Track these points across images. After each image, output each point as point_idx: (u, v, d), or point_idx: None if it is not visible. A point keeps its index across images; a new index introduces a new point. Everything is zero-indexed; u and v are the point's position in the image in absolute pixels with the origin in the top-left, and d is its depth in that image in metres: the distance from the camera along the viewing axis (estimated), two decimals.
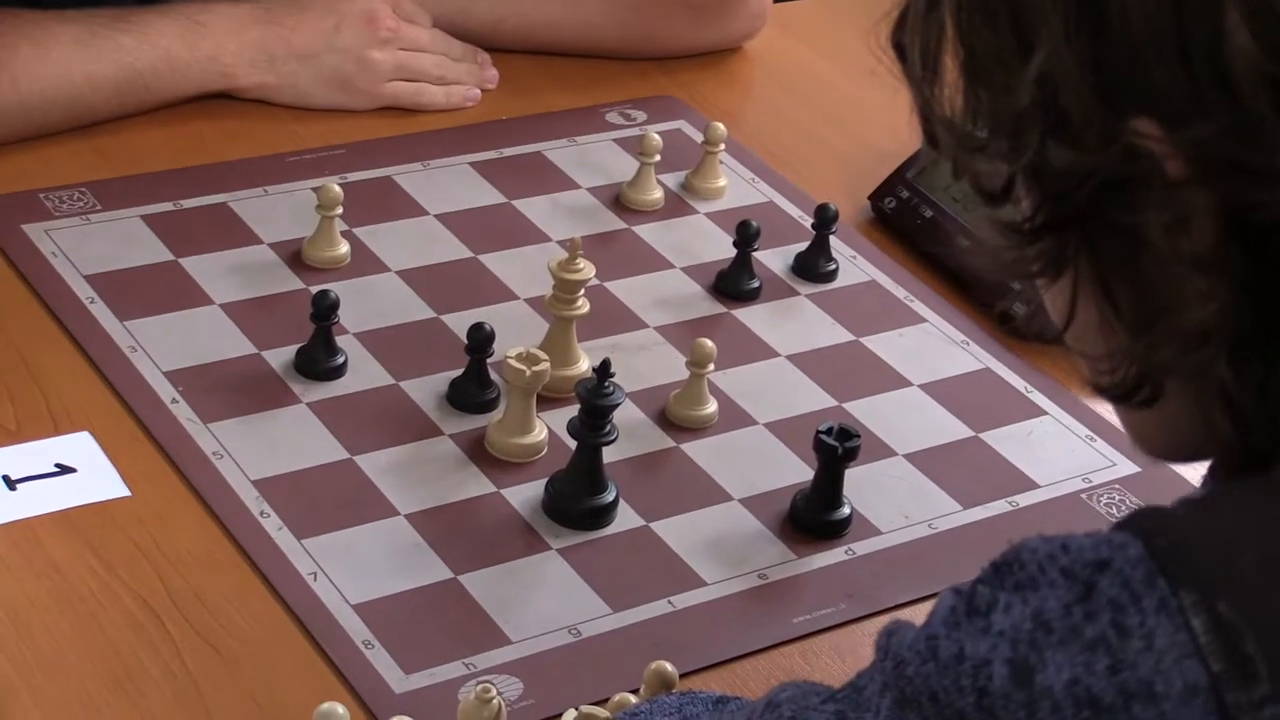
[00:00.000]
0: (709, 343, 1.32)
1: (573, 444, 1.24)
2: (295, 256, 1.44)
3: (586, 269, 1.33)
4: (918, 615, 0.82)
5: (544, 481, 1.26)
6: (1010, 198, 0.82)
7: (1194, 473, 1.36)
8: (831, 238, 1.52)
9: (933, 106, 0.84)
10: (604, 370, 1.21)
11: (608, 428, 1.22)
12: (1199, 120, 0.74)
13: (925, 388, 1.42)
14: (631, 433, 1.32)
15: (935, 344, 1.47)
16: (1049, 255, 0.82)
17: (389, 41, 1.62)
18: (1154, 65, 0.75)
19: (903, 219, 1.58)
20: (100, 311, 1.35)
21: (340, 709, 0.99)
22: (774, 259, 1.52)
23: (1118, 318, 0.81)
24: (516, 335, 1.35)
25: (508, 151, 1.61)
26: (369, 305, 1.40)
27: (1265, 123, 0.73)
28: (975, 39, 0.80)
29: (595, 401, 1.21)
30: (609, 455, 1.28)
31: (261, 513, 1.21)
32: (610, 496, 1.24)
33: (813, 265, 1.52)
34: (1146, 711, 0.72)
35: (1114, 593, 0.73)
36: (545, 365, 1.26)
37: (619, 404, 1.22)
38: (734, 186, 1.61)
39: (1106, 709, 0.72)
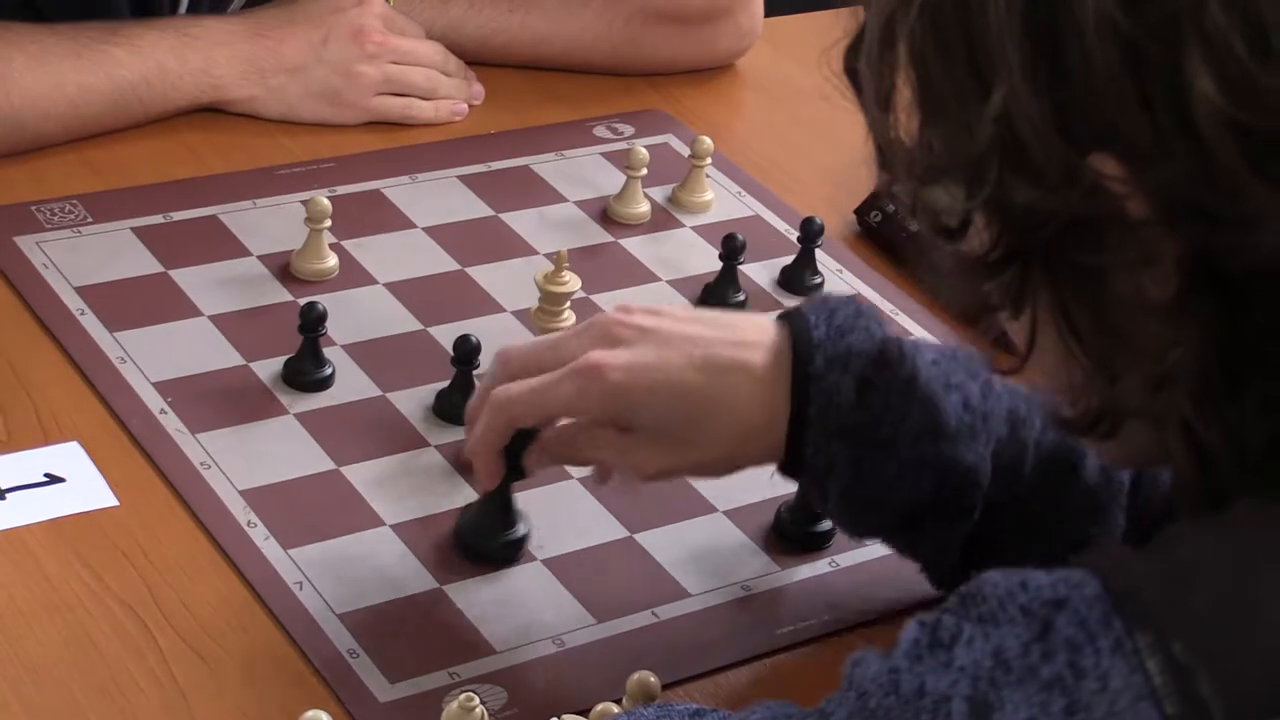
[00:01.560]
0: None
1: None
2: (284, 269, 1.45)
3: (572, 281, 1.34)
4: (899, 627, 0.82)
5: (530, 493, 1.26)
6: (966, 233, 0.82)
7: None
8: (817, 251, 1.53)
9: (888, 134, 0.84)
10: None
11: (519, 462, 1.19)
12: (1162, 162, 0.74)
13: None
14: None
15: None
16: (1010, 289, 0.82)
17: (377, 56, 1.63)
18: (1115, 110, 0.74)
19: (888, 232, 1.59)
20: (90, 323, 1.36)
21: (325, 717, 1.00)
22: (760, 272, 1.53)
23: (1081, 352, 0.81)
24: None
25: (496, 165, 1.62)
26: (357, 317, 1.41)
27: (1230, 168, 0.73)
28: (931, 73, 0.80)
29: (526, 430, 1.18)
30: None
31: (249, 522, 1.22)
32: (522, 531, 1.22)
33: (798, 278, 1.53)
34: None
35: (1070, 632, 0.74)
36: None
37: (532, 435, 1.18)
38: (720, 200, 1.62)
39: None
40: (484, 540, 1.21)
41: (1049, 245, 0.78)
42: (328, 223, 1.44)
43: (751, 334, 1.13)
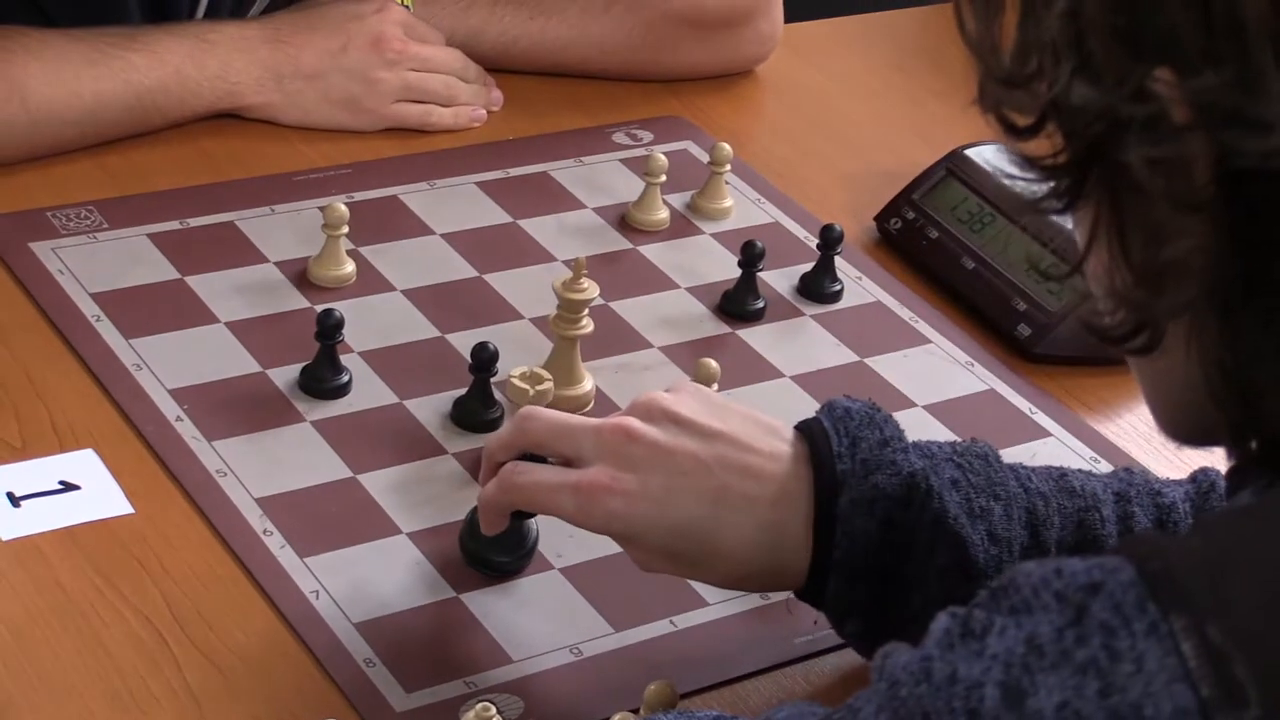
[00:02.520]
0: (713, 363, 1.33)
1: None
2: (301, 275, 1.44)
3: (590, 289, 1.33)
4: None
5: None
6: (1038, 133, 0.85)
7: None
8: (837, 258, 1.53)
9: (985, 44, 0.86)
10: None
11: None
12: (1208, 70, 0.77)
13: (930, 408, 1.42)
14: None
15: (940, 365, 1.47)
16: (1066, 191, 0.85)
17: (396, 63, 1.62)
18: (1176, 12, 0.77)
19: (908, 240, 1.58)
20: (106, 329, 1.35)
21: None
22: (779, 279, 1.53)
23: (1125, 259, 0.83)
24: (521, 355, 1.35)
25: (514, 171, 1.62)
26: (374, 324, 1.40)
27: (1264, 75, 0.76)
28: None
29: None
30: None
31: (265, 530, 1.21)
32: (530, 542, 1.21)
33: (818, 286, 1.52)
34: None
35: (1105, 616, 0.74)
36: (549, 385, 1.26)
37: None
38: (740, 207, 1.61)
39: None
40: (490, 551, 1.20)
41: (1100, 145, 0.81)
42: (345, 229, 1.43)
43: (769, 464, 1.10)
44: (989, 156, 1.59)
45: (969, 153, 1.60)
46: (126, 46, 1.53)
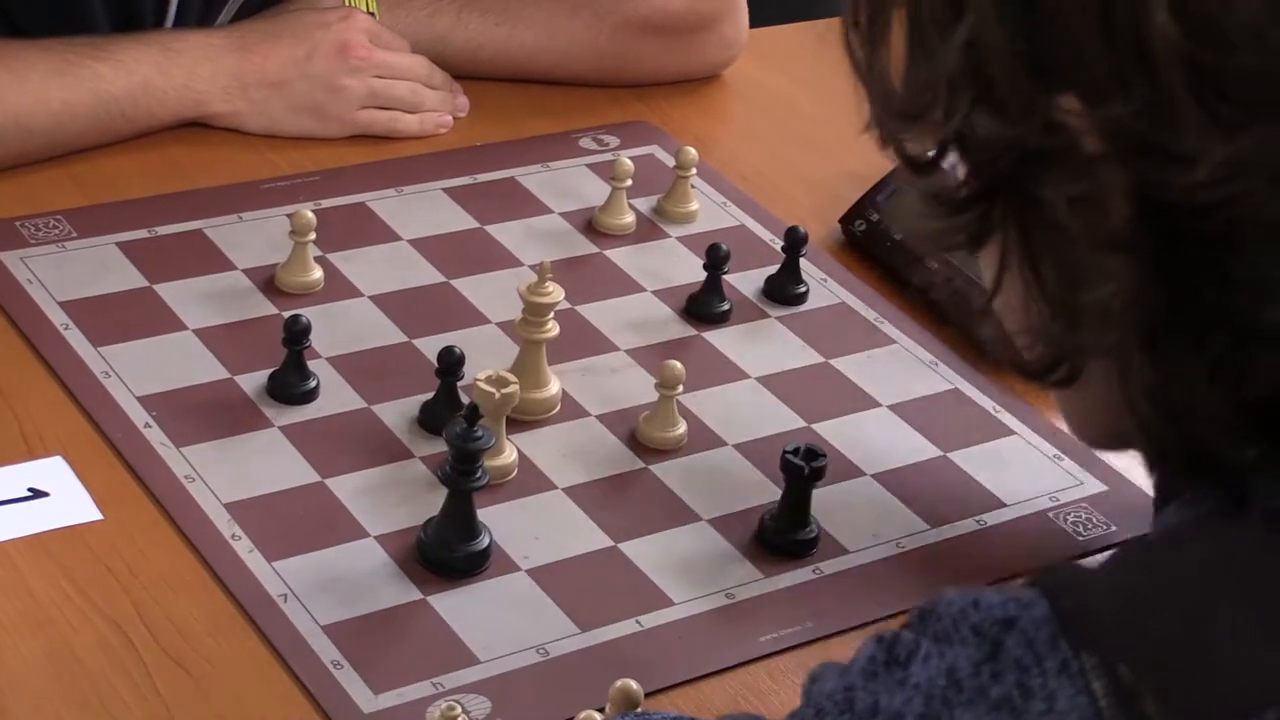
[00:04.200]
0: (678, 364, 1.34)
1: (548, 472, 1.26)
2: (269, 282, 1.45)
3: (555, 292, 1.34)
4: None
5: (515, 502, 1.27)
6: (938, 168, 0.83)
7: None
8: (802, 260, 1.54)
9: (870, 75, 0.84)
10: (472, 414, 1.19)
11: (479, 472, 1.20)
12: (1118, 98, 0.75)
13: (894, 408, 1.43)
14: (601, 454, 1.33)
15: (904, 365, 1.48)
16: (972, 227, 0.82)
17: (361, 69, 1.63)
18: (1080, 39, 0.75)
19: (872, 242, 1.60)
20: (75, 338, 1.36)
21: None
22: (745, 282, 1.54)
23: (1040, 293, 0.81)
24: (488, 358, 1.36)
25: (481, 177, 1.63)
26: (342, 330, 1.41)
27: (1178, 102, 0.74)
28: (920, 11, 0.81)
29: (465, 446, 1.19)
30: (578, 476, 1.30)
31: (233, 535, 1.22)
32: (484, 542, 1.22)
33: (783, 288, 1.53)
34: None
35: (1019, 653, 0.74)
36: (514, 388, 1.27)
37: (489, 447, 1.20)
38: (705, 210, 1.62)
39: None
40: (446, 552, 1.21)
41: (1009, 179, 0.79)
42: (312, 236, 1.44)
43: None
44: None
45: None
46: (93, 56, 1.54)
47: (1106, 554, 0.86)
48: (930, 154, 0.83)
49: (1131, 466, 1.39)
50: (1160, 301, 0.78)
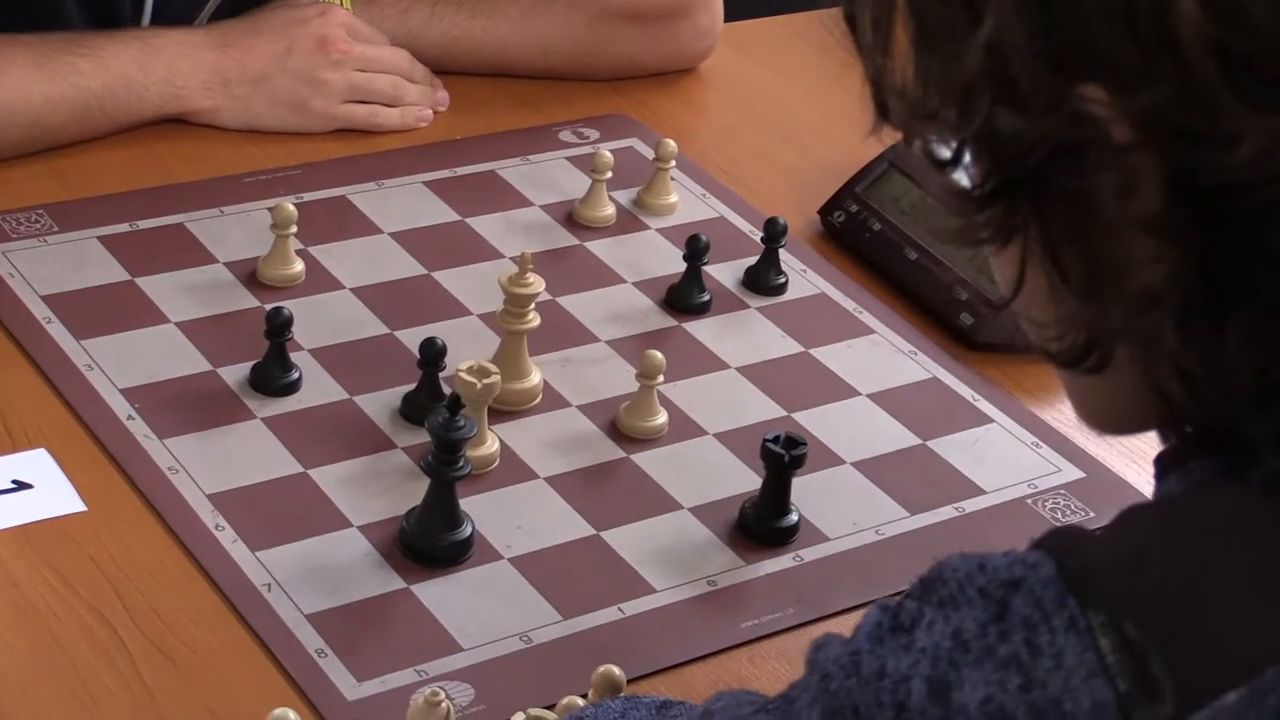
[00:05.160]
0: (658, 354, 1.34)
1: (530, 461, 1.27)
2: (251, 275, 1.45)
3: (536, 283, 1.34)
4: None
5: (497, 492, 1.28)
6: (959, 164, 0.83)
7: (1135, 475, 1.38)
8: (781, 251, 1.54)
9: (884, 75, 0.84)
10: (454, 404, 1.20)
11: (461, 462, 1.21)
12: (1146, 86, 0.74)
13: (873, 397, 1.44)
14: (582, 444, 1.34)
15: (883, 354, 1.49)
16: (998, 222, 0.82)
17: (342, 64, 1.64)
18: (1101, 33, 0.75)
19: (852, 232, 1.60)
20: (57, 331, 1.37)
21: (292, 715, 1.01)
22: (725, 273, 1.55)
23: (1066, 284, 0.81)
24: (469, 349, 1.37)
25: (461, 170, 1.63)
26: (323, 322, 1.42)
27: (1210, 88, 0.73)
28: (926, 9, 0.81)
29: (447, 435, 1.20)
30: (560, 466, 1.30)
31: (216, 526, 1.22)
32: (467, 531, 1.23)
33: (763, 278, 1.54)
34: None
35: (1026, 612, 0.75)
36: (496, 378, 1.27)
37: (470, 437, 1.21)
38: (685, 202, 1.63)
39: None
40: (429, 542, 1.22)
41: (1035, 174, 0.79)
42: (294, 229, 1.44)
43: None
44: None
45: None
46: (73, 51, 1.54)
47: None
48: (950, 152, 0.83)
49: (1109, 454, 1.40)
50: (1195, 281, 0.77)
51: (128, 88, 1.56)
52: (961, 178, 0.84)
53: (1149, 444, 1.21)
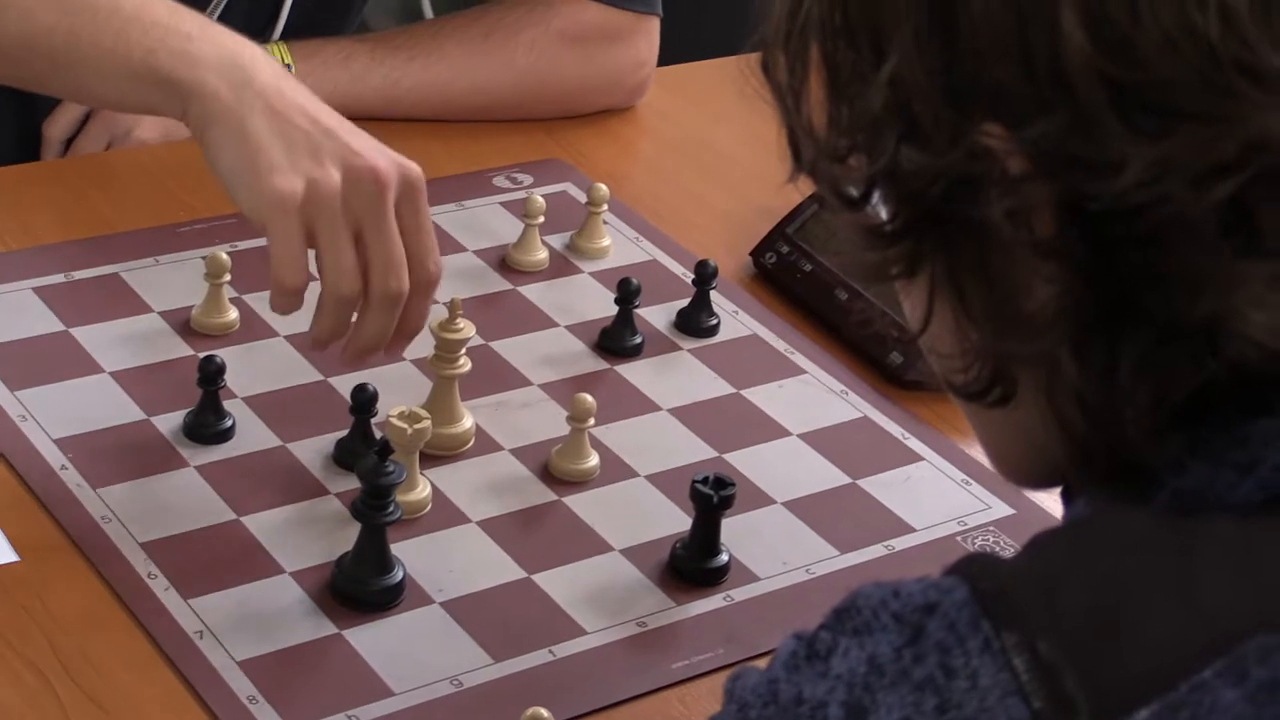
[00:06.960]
0: (589, 398, 1.36)
1: (462, 505, 1.28)
2: (185, 324, 1.46)
3: (466, 328, 1.36)
4: None
5: (429, 536, 1.29)
6: (868, 203, 0.85)
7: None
8: (713, 293, 1.56)
9: (797, 121, 0.86)
10: (384, 450, 1.21)
11: (391, 507, 1.22)
12: (1039, 118, 0.77)
13: (804, 437, 1.45)
14: (514, 487, 1.35)
15: (814, 394, 1.51)
16: (907, 256, 0.84)
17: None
18: (997, 67, 0.77)
19: (783, 273, 1.62)
20: None
21: None
22: (657, 315, 1.56)
23: (969, 316, 0.83)
24: (401, 395, 1.38)
25: None
26: (257, 369, 1.43)
27: (1099, 118, 0.76)
28: (837, 56, 0.83)
29: (377, 481, 1.21)
30: (491, 510, 1.31)
31: (149, 574, 1.23)
32: (398, 576, 1.24)
33: (694, 320, 1.55)
34: None
35: (941, 635, 0.76)
36: (426, 423, 1.28)
37: (399, 482, 1.22)
38: (618, 246, 1.65)
39: None
40: (360, 587, 1.23)
41: (939, 207, 0.81)
42: (227, 277, 1.45)
43: None
44: None
45: None
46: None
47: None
48: (860, 191, 0.85)
49: (1038, 492, 1.41)
50: (1089, 304, 0.80)
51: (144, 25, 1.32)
52: (871, 214, 0.86)
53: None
